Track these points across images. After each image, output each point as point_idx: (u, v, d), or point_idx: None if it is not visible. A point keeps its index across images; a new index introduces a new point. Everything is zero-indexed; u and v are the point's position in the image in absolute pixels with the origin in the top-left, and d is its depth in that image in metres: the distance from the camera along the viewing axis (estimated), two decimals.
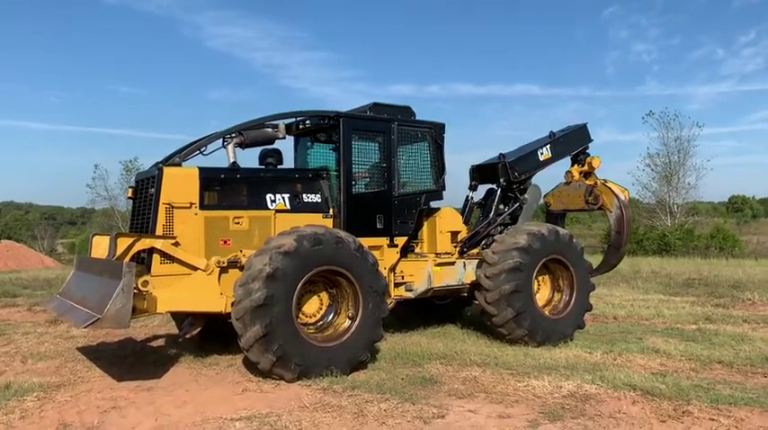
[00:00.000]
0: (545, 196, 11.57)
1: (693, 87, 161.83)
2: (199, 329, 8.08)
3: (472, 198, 10.86)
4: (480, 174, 10.78)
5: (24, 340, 9.96)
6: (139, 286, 7.01)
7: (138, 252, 7.31)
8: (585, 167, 11.25)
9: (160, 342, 9.79)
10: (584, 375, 7.09)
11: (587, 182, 11.13)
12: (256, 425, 5.65)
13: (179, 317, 8.97)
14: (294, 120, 8.97)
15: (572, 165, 11.45)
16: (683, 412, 5.80)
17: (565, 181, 11.45)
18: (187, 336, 8.28)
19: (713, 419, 5.61)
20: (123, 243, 7.04)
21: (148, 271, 7.23)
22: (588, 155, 11.34)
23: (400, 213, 8.82)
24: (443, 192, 9.41)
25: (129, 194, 8.08)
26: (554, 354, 8.31)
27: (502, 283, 8.69)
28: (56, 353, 8.93)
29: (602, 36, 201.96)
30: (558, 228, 9.46)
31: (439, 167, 9.31)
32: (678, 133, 42.46)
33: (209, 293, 7.42)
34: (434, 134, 9.28)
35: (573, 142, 11.29)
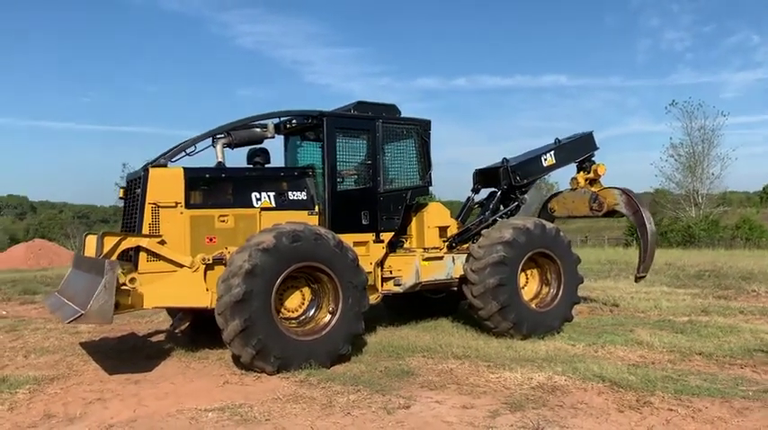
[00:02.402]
0: (549, 201, 11.68)
1: (728, 75, 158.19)
2: (188, 324, 8.36)
3: (473, 199, 11.11)
4: (483, 177, 10.98)
5: (32, 335, 10.37)
6: (127, 283, 7.32)
7: (127, 250, 7.61)
8: (591, 175, 11.37)
9: (160, 337, 10.09)
10: (557, 367, 7.20)
11: (592, 189, 11.20)
12: (228, 415, 5.88)
13: (173, 312, 9.26)
14: (282, 119, 9.18)
15: (577, 172, 11.55)
16: (645, 403, 5.89)
17: (570, 187, 11.57)
18: (177, 331, 8.57)
19: (671, 409, 5.69)
20: (110, 242, 7.34)
21: (136, 268, 7.51)
22: (594, 162, 11.45)
23: (386, 209, 8.98)
24: (431, 188, 9.57)
25: (120, 195, 8.37)
26: (536, 347, 8.41)
27: (487, 277, 8.82)
28: (58, 347, 9.29)
29: (632, 24, 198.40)
30: (545, 222, 9.54)
31: (425, 163, 9.45)
32: (702, 122, 41.89)
33: (194, 289, 7.67)
34: (420, 131, 9.42)
35: (578, 149, 11.42)
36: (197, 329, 9.18)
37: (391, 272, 9.28)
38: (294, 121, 9.04)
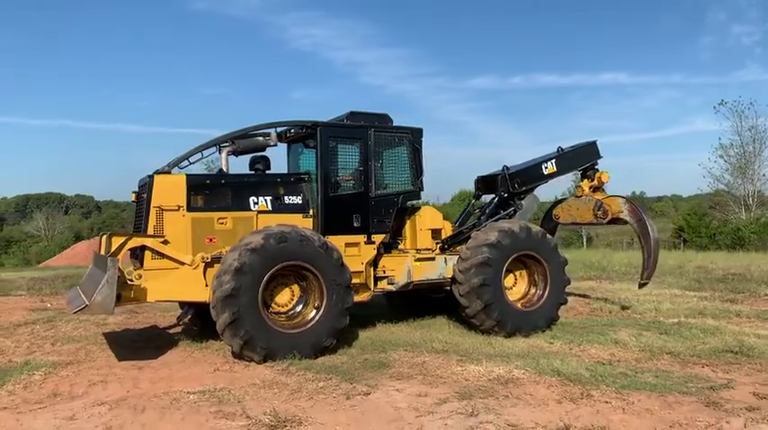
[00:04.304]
0: (554, 209, 12.09)
1: None
2: (190, 316, 9.18)
3: (473, 204, 11.66)
4: (484, 184, 11.51)
5: (65, 326, 11.32)
6: (134, 278, 8.15)
7: (135, 249, 8.43)
8: (595, 182, 11.73)
9: (177, 329, 10.88)
10: (522, 362, 7.64)
11: (596, 197, 11.54)
12: (206, 397, 6.58)
13: (183, 307, 10.09)
14: (284, 128, 9.87)
15: (581, 181, 11.91)
16: (586, 395, 6.31)
17: (575, 195, 11.95)
18: (181, 322, 9.39)
19: (607, 402, 6.11)
20: (117, 241, 8.18)
21: (141, 265, 8.33)
22: (597, 170, 11.79)
23: (377, 213, 9.55)
24: (421, 192, 10.12)
25: (133, 198, 9.20)
26: (515, 344, 8.86)
27: (472, 277, 9.32)
28: (83, 337, 10.20)
29: (696, 19, 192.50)
30: (531, 225, 9.96)
31: (416, 169, 9.98)
32: (753, 122, 40.83)
33: (194, 285, 8.43)
34: (412, 139, 9.96)
35: (580, 158, 11.82)
36: (206, 322, 9.95)
37: (385, 271, 9.86)
38: (292, 130, 9.72)
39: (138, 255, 8.47)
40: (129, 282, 8.16)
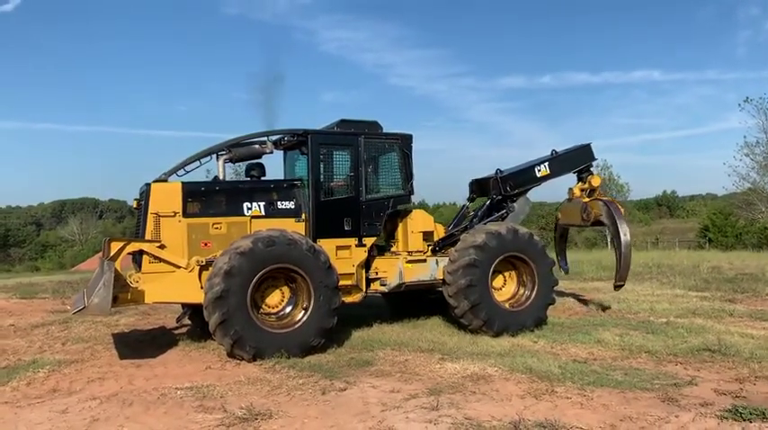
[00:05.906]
0: (557, 210, 12.32)
1: None
2: (188, 316, 9.69)
3: (467, 207, 11.94)
4: (478, 187, 11.79)
5: (77, 327, 11.87)
6: (132, 282, 8.61)
7: (135, 253, 8.90)
8: (586, 185, 11.88)
9: (182, 330, 11.35)
10: (498, 360, 7.91)
11: (584, 199, 11.75)
12: (192, 393, 6.98)
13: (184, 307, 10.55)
14: (279, 136, 10.27)
15: (577, 183, 12.09)
16: (550, 391, 6.57)
17: (568, 198, 12.16)
18: (180, 322, 9.89)
19: (568, 397, 6.36)
20: (115, 246, 8.64)
21: (140, 269, 8.78)
22: (591, 173, 11.95)
23: (368, 216, 9.88)
24: (412, 196, 10.41)
25: (134, 205, 9.68)
26: (499, 343, 9.11)
27: (459, 278, 9.60)
28: (92, 337, 10.71)
29: (729, 15, 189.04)
30: (518, 227, 10.21)
31: (406, 174, 10.29)
32: None
33: (190, 287, 8.85)
34: (402, 145, 10.27)
35: (573, 161, 11.98)
36: (205, 323, 10.39)
37: (377, 273, 10.19)
38: (286, 138, 10.11)
39: (137, 259, 8.93)
40: (130, 285, 8.63)
